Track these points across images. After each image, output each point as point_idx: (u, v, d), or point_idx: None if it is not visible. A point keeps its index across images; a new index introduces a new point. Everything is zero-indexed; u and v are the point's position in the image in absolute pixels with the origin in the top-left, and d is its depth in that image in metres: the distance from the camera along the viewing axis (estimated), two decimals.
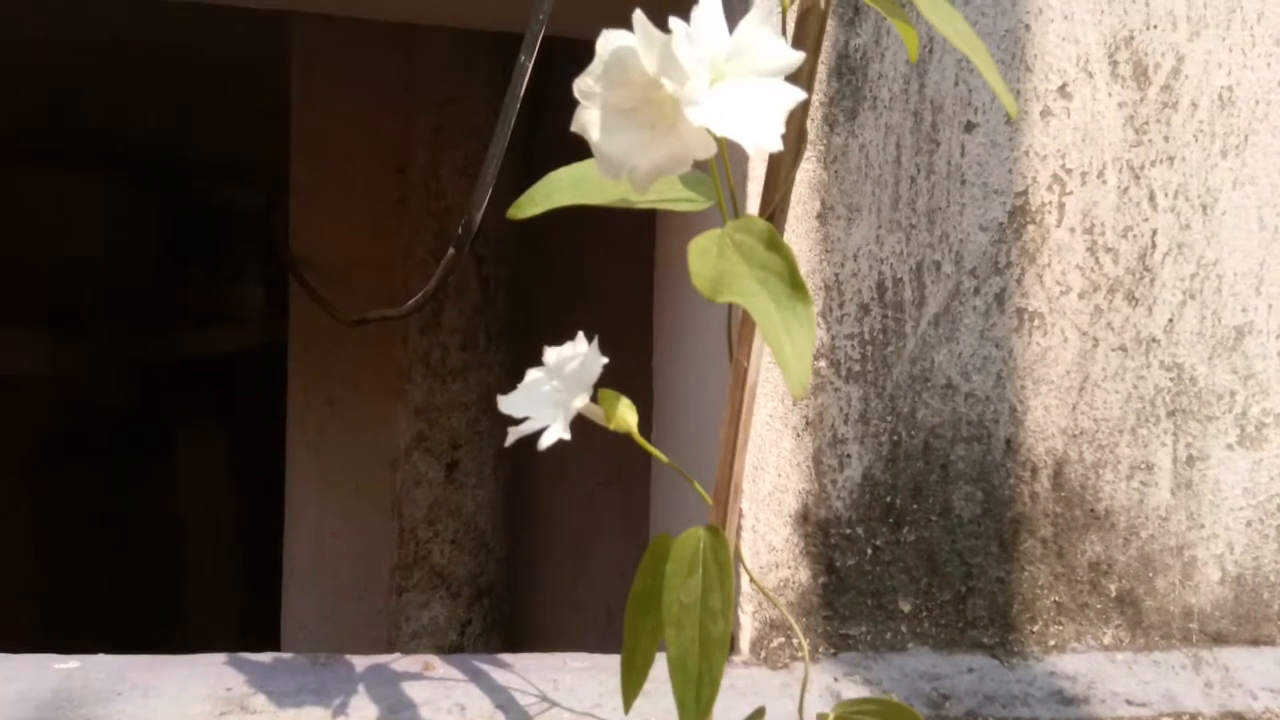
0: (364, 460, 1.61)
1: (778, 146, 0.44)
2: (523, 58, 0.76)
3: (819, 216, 0.78)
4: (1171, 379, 0.82)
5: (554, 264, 1.67)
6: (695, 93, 0.42)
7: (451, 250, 0.87)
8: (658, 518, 1.00)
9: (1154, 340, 0.82)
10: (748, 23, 0.44)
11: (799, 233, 0.78)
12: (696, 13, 0.43)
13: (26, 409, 2.92)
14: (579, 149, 0.48)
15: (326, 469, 1.63)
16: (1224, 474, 0.83)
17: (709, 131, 0.43)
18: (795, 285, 0.46)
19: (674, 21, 0.42)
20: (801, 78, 0.47)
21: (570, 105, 0.46)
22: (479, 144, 1.52)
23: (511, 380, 0.56)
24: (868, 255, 0.79)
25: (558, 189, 0.55)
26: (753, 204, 0.71)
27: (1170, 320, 0.82)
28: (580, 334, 0.57)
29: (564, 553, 1.64)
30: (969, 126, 0.79)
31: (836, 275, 0.78)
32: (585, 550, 1.62)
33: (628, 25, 0.43)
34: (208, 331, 3.27)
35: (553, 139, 0.91)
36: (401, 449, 1.55)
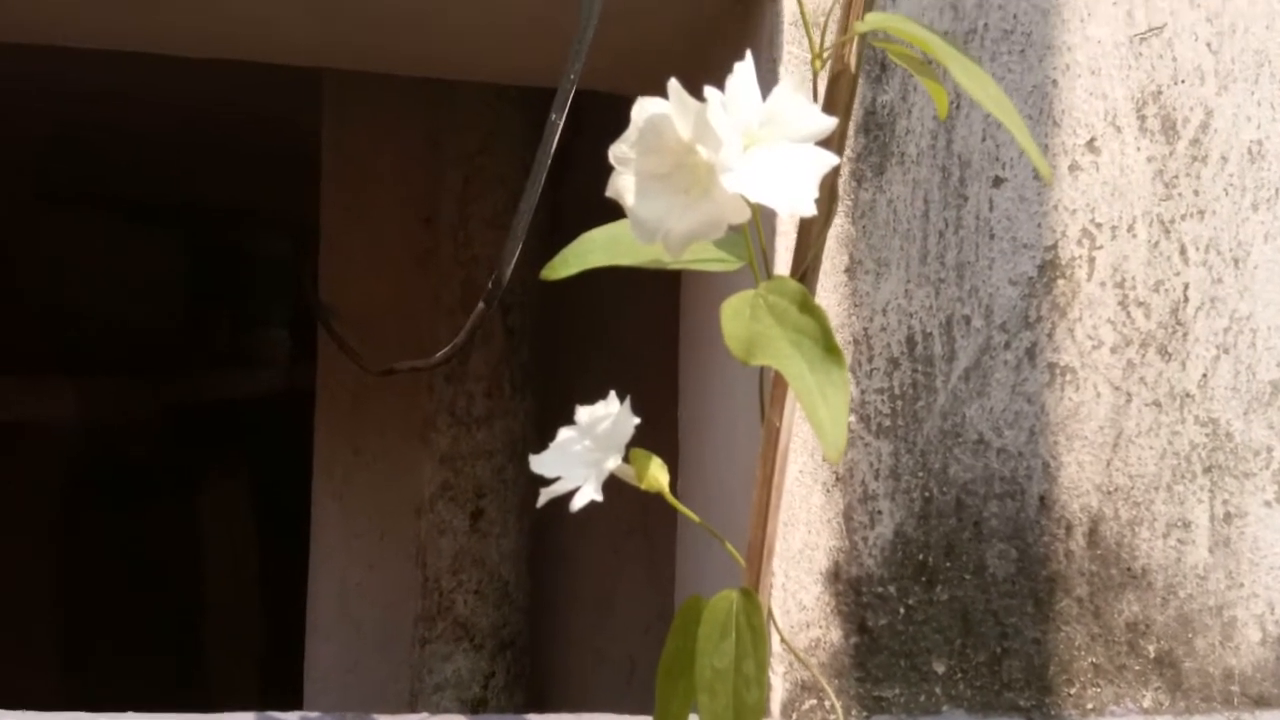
0: (389, 509, 1.61)
1: (812, 212, 0.44)
2: (554, 116, 0.77)
3: (847, 271, 0.78)
4: (1207, 434, 0.81)
5: (577, 307, 1.68)
6: (730, 160, 0.42)
7: (481, 304, 0.87)
8: (684, 572, 1.00)
9: (1188, 395, 0.81)
10: (781, 90, 0.45)
11: (827, 287, 0.78)
12: (731, 81, 0.43)
13: (52, 454, 2.94)
14: (605, 200, 0.49)
15: (352, 518, 1.64)
16: (1263, 531, 0.81)
17: (743, 197, 0.43)
18: (829, 348, 0.46)
19: (709, 90, 0.43)
20: (833, 141, 0.48)
21: (595, 157, 0.47)
22: (507, 195, 1.54)
23: (536, 428, 0.56)
24: (897, 309, 0.78)
25: (591, 250, 0.56)
26: (782, 260, 0.71)
27: (1204, 375, 0.81)
28: (612, 393, 0.57)
29: (588, 603, 1.63)
30: (997, 181, 0.79)
31: (865, 329, 0.78)
32: (609, 601, 1.60)
33: (651, 75, 0.44)
34: (233, 376, 3.30)
35: (578, 190, 0.91)
36: (426, 497, 1.55)
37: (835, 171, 0.51)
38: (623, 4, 0.75)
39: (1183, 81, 0.80)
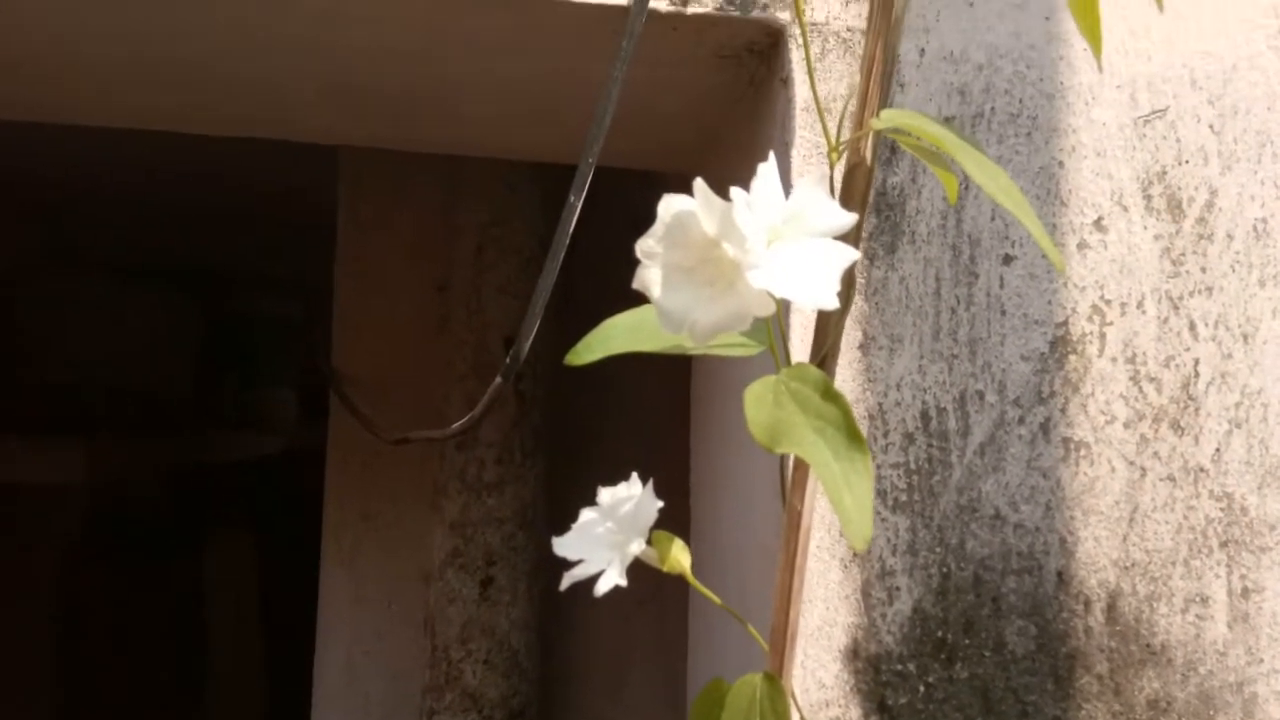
0: (398, 576, 1.60)
1: (835, 305, 0.45)
2: (572, 198, 0.79)
3: (861, 347, 0.79)
4: (1222, 509, 0.81)
5: (589, 370, 1.69)
6: (755, 257, 0.43)
7: (499, 379, 0.89)
8: (698, 646, 0.99)
9: (1202, 470, 0.81)
10: (802, 187, 0.46)
11: (842, 363, 0.79)
12: (756, 183, 0.45)
13: (58, 517, 2.94)
14: (616, 268, 0.50)
15: (360, 585, 1.63)
16: None
17: (768, 292, 0.44)
18: (853, 435, 0.47)
19: (735, 191, 0.44)
20: (851, 234, 0.49)
21: (606, 227, 0.48)
22: (520, 264, 1.56)
23: (548, 493, 0.56)
24: (911, 385, 0.79)
25: (613, 336, 0.57)
26: (798, 339, 0.72)
27: (1217, 449, 0.81)
28: (634, 475, 0.57)
29: (599, 673, 1.61)
30: (1007, 259, 0.81)
31: (880, 405, 0.79)
32: (621, 671, 1.59)
33: (666, 152, 0.45)
34: (241, 437, 3.30)
35: (590, 258, 0.93)
36: (436, 565, 1.55)
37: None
38: (639, 87, 0.77)
39: (1187, 162, 0.82)
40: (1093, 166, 0.81)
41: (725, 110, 0.94)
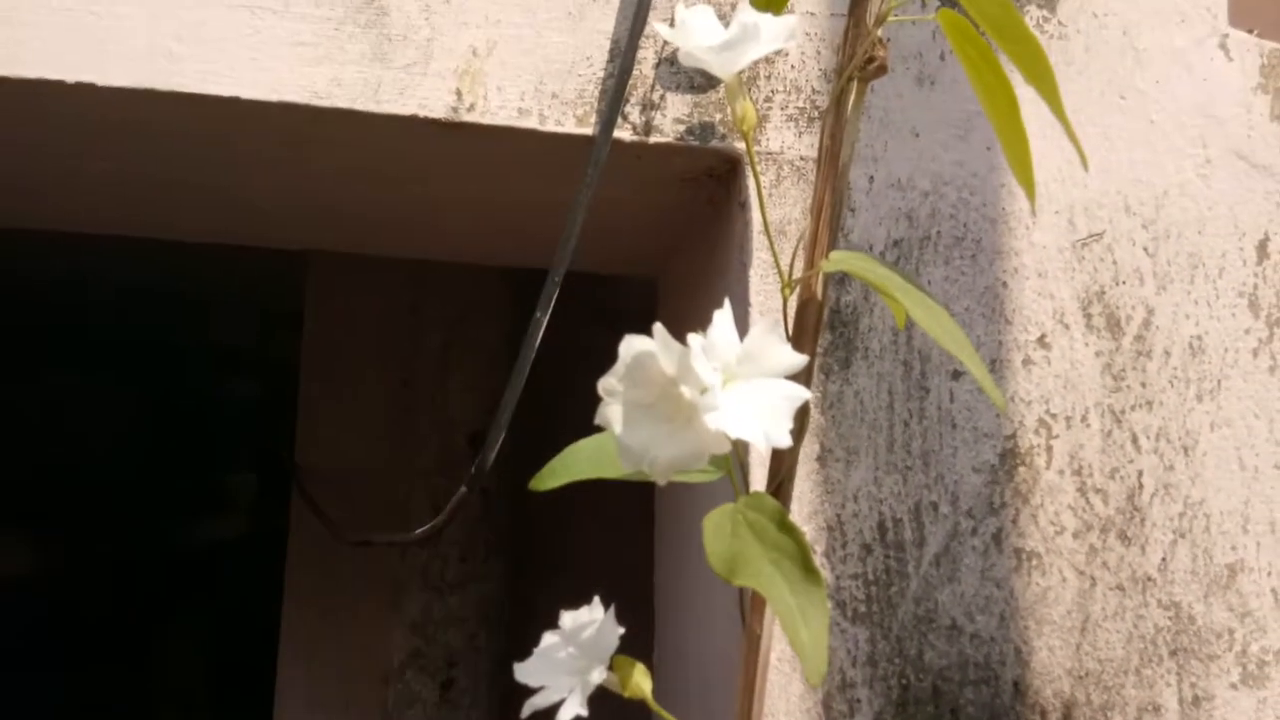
0: (356, 676, 1.57)
1: (788, 443, 0.47)
2: (538, 313, 0.82)
3: (819, 459, 0.82)
4: (1170, 618, 0.83)
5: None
6: (711, 401, 0.46)
7: (464, 489, 0.89)
8: None
9: (1150, 579, 0.83)
10: (756, 331, 0.49)
11: (801, 474, 0.81)
12: (712, 329, 0.47)
13: (2, 611, 2.84)
14: (576, 362, 0.51)
15: (317, 685, 1.59)
16: (1230, 714, 0.83)
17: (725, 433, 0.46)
18: (808, 569, 0.48)
19: (692, 337, 0.47)
20: (803, 373, 0.51)
21: (567, 326, 0.50)
22: (486, 361, 1.58)
23: (511, 593, 0.57)
24: (867, 496, 0.81)
25: (576, 462, 0.59)
26: (756, 462, 0.74)
27: (1164, 559, 0.84)
28: (596, 599, 0.58)
29: None
30: (956, 374, 0.84)
31: (838, 515, 0.81)
32: None
33: (629, 258, 0.46)
34: (197, 522, 3.24)
35: (553, 352, 0.94)
36: (395, 665, 1.52)
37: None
38: (604, 205, 0.80)
39: (1124, 282, 0.86)
40: (1035, 286, 0.85)
41: (686, 224, 0.97)
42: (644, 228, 1.01)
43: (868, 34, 0.57)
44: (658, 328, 0.48)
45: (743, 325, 0.87)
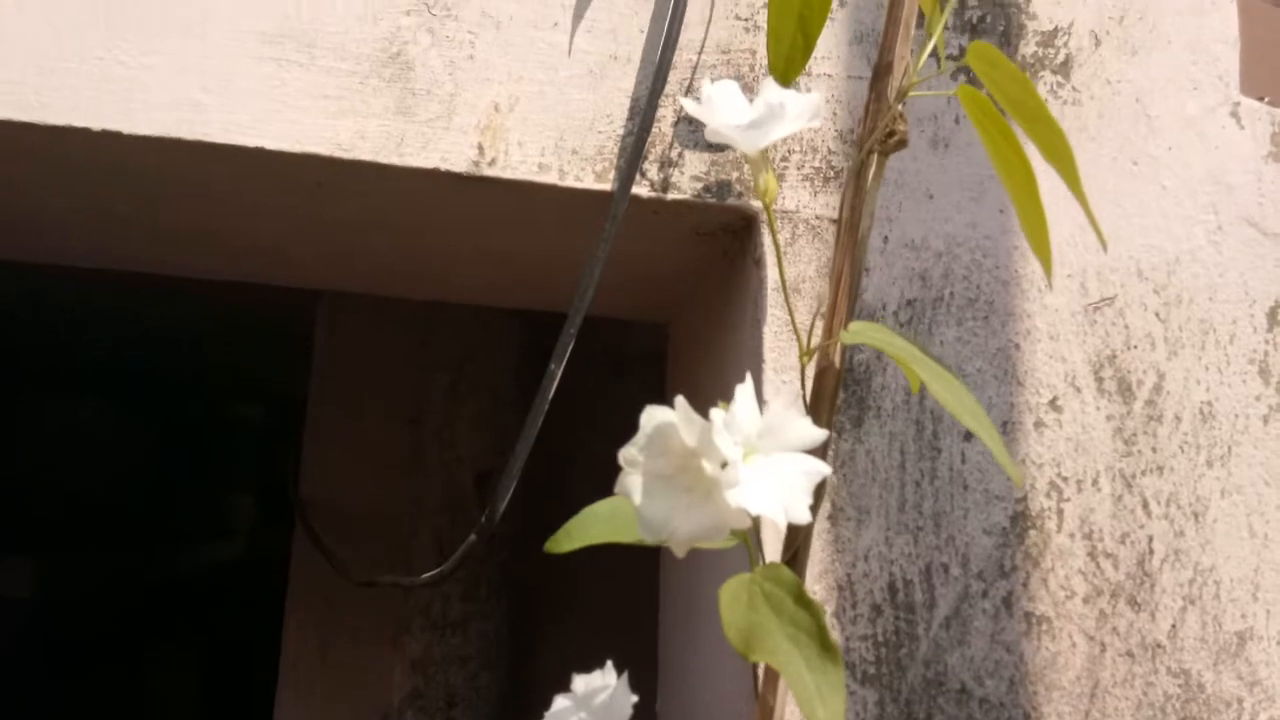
0: (355, 715, 1.56)
1: (808, 519, 0.47)
2: (553, 365, 0.82)
3: (830, 518, 0.82)
4: (1179, 685, 0.83)
5: (558, 506, 1.69)
6: (733, 477, 0.46)
7: (472, 537, 0.89)
8: None
9: (1159, 646, 0.83)
10: (776, 406, 0.49)
11: (812, 533, 0.81)
12: (734, 404, 0.48)
13: (4, 634, 2.83)
14: (584, 402, 0.51)
15: None
16: None
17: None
18: (825, 645, 0.48)
19: (714, 412, 0.47)
20: (821, 449, 0.52)
21: (579, 363, 0.50)
22: (493, 399, 1.58)
23: (513, 632, 0.57)
24: (878, 556, 0.81)
25: (592, 525, 0.59)
26: (771, 530, 0.74)
27: (1173, 626, 0.83)
28: (609, 664, 0.58)
29: None
30: (968, 435, 0.84)
31: (849, 575, 0.81)
32: None
33: (643, 306, 0.46)
34: (198, 545, 3.23)
35: (561, 392, 0.94)
36: (395, 704, 1.51)
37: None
38: (620, 257, 0.81)
39: (1135, 347, 0.87)
40: (1047, 349, 0.85)
41: (701, 276, 0.98)
42: (658, 277, 1.01)
43: (888, 108, 0.57)
44: (680, 401, 0.48)
45: (756, 381, 0.87)
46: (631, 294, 1.07)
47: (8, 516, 2.82)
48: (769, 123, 0.49)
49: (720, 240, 0.89)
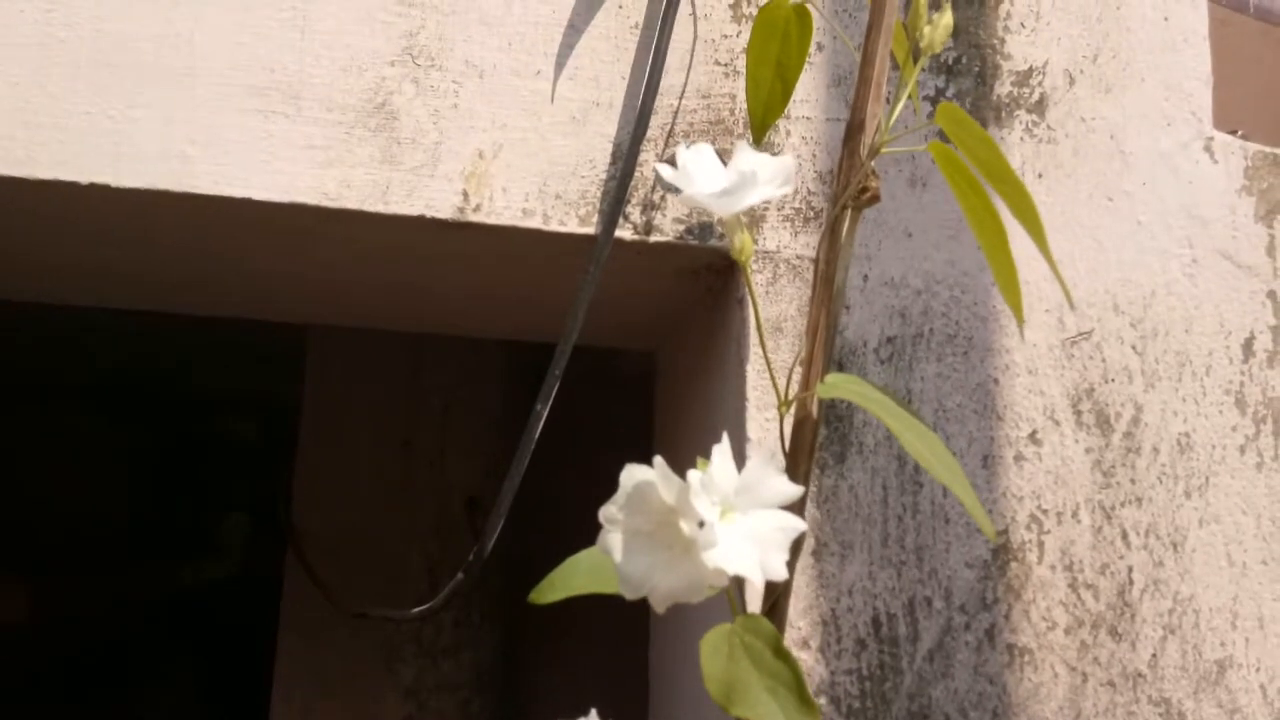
0: None
1: (785, 576, 0.48)
2: (539, 406, 0.83)
3: (814, 553, 0.83)
4: (1161, 714, 0.84)
5: (550, 533, 1.70)
6: (709, 539, 0.47)
7: (460, 575, 0.90)
8: None
9: (1140, 675, 0.84)
10: (753, 464, 0.50)
11: (796, 569, 0.82)
12: (712, 463, 0.49)
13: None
14: (568, 425, 0.52)
15: None
16: None
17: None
18: (803, 699, 0.49)
19: (691, 474, 0.48)
20: (798, 505, 0.53)
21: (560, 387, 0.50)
22: (485, 424, 1.59)
23: (505, 658, 0.57)
24: (862, 591, 0.82)
25: (575, 576, 0.60)
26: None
27: (1154, 655, 0.85)
28: (594, 711, 0.59)
29: None
30: None
31: (833, 610, 0.82)
32: None
33: (628, 335, 0.47)
34: (192, 563, 3.22)
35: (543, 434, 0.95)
36: None
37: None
38: (604, 293, 0.82)
39: (1113, 380, 0.88)
40: (1025, 384, 0.87)
41: (686, 310, 0.99)
42: (643, 310, 1.03)
43: (861, 165, 0.59)
44: (658, 461, 0.49)
45: (739, 420, 0.88)
46: (617, 326, 1.08)
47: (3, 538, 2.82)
48: (741, 189, 0.50)
49: (704, 278, 0.91)
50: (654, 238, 0.83)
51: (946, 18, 0.55)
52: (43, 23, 0.76)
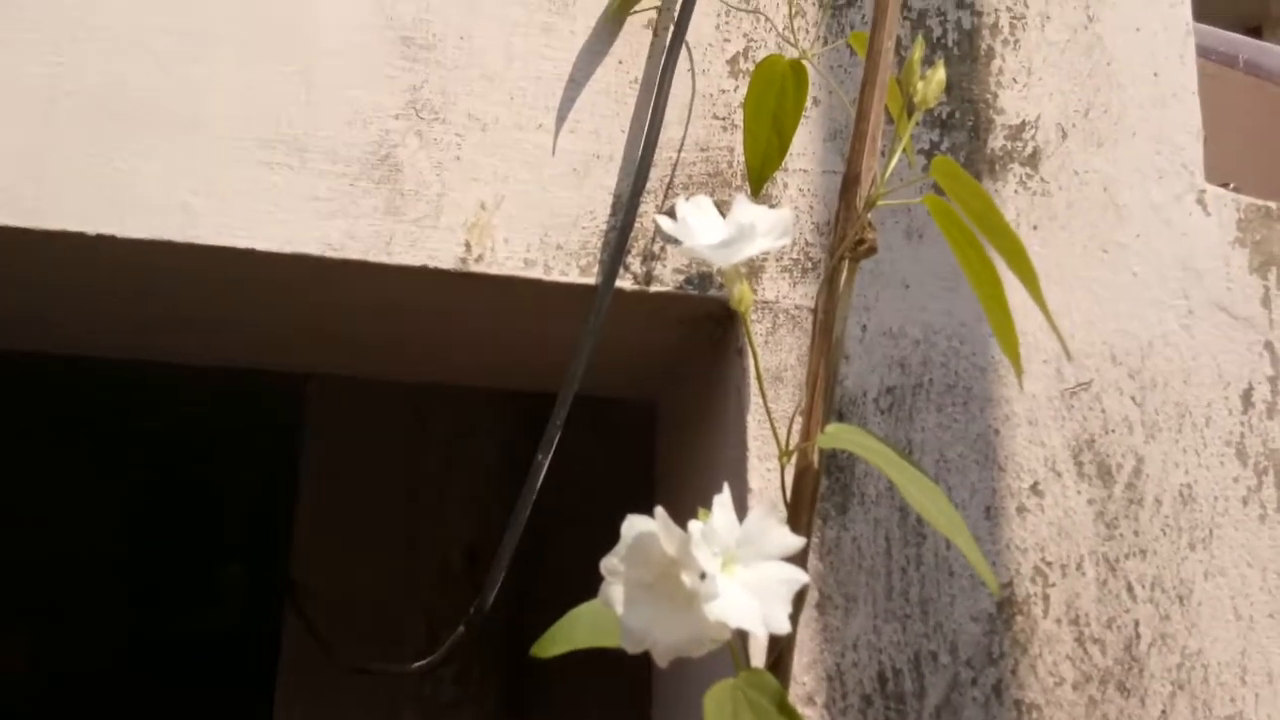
0: None
1: (787, 629, 0.48)
2: (539, 456, 0.83)
3: (818, 606, 0.82)
4: None
5: (550, 584, 1.68)
6: (710, 591, 0.46)
7: (461, 628, 0.89)
8: None
9: None
10: (755, 515, 0.50)
11: (800, 622, 0.81)
12: (713, 515, 0.49)
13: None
14: (567, 470, 0.51)
15: None
16: None
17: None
18: None
19: (693, 525, 0.48)
20: (800, 556, 0.52)
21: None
22: (486, 476, 1.59)
23: (507, 711, 0.56)
24: (867, 645, 0.81)
25: (577, 629, 0.59)
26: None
27: (1163, 711, 0.83)
28: None
29: None
30: None
31: (838, 665, 0.81)
32: None
33: (628, 383, 0.47)
34: (189, 614, 3.19)
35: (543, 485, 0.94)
36: None
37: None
38: (605, 343, 0.82)
39: (1113, 431, 0.88)
40: (1026, 434, 0.87)
41: (686, 359, 0.99)
42: (643, 360, 1.03)
43: (857, 217, 0.59)
44: (659, 512, 0.49)
45: (740, 470, 0.88)
46: (618, 375, 1.08)
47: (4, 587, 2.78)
48: (740, 241, 0.50)
49: (704, 327, 0.91)
50: (654, 288, 0.83)
51: (939, 73, 0.56)
52: (49, 76, 0.77)
